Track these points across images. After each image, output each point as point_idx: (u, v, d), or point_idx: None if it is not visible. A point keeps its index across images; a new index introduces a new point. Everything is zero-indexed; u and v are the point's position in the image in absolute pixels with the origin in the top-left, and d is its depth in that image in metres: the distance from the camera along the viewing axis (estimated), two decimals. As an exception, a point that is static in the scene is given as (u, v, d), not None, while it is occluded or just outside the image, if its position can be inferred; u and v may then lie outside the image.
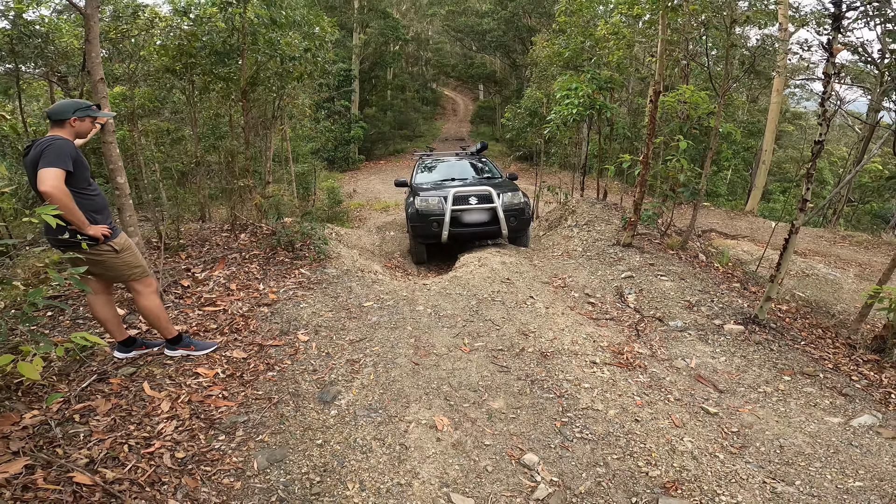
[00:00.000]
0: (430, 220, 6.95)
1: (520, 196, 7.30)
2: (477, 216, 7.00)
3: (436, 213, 6.95)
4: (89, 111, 3.00)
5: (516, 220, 7.08)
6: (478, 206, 6.98)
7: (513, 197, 7.16)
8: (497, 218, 6.92)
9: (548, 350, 3.82)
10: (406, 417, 2.90)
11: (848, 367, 3.97)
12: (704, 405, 3.19)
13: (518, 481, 2.43)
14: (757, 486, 2.44)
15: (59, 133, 2.88)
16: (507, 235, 7.09)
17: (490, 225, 7.03)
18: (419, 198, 7.17)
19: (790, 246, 4.45)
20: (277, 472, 2.41)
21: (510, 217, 6.99)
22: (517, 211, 7.12)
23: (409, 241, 7.87)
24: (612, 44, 7.49)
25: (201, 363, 3.38)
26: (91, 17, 3.57)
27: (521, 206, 7.21)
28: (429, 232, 7.02)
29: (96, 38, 3.69)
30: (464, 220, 6.97)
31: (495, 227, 7.02)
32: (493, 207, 6.93)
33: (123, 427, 2.67)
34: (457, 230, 6.96)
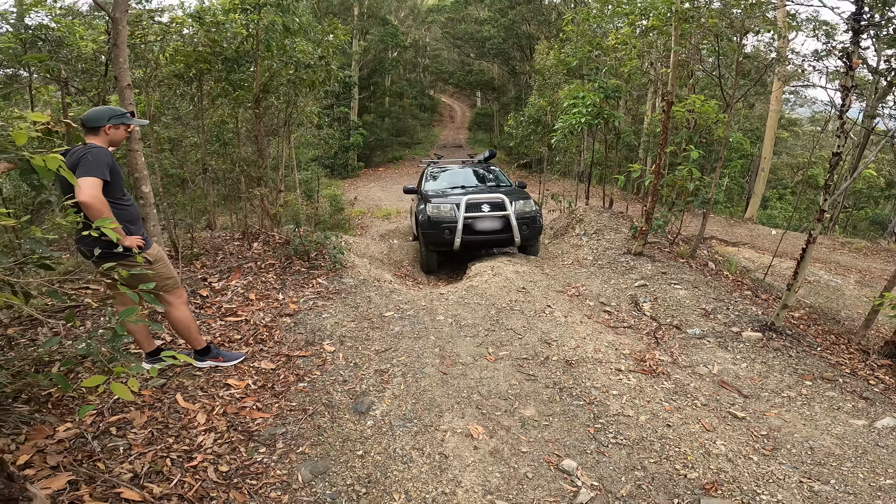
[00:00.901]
0: (443, 228, 6.91)
1: (531, 204, 7.30)
2: (490, 224, 6.97)
3: (448, 220, 6.91)
4: (124, 118, 2.99)
5: (528, 228, 7.08)
6: (491, 213, 6.96)
7: (525, 205, 7.15)
8: (510, 226, 6.91)
9: (572, 358, 3.87)
10: (441, 427, 2.93)
11: (864, 371, 4.04)
12: (731, 410, 3.24)
13: (559, 486, 2.47)
14: (794, 485, 2.49)
15: (94, 141, 2.87)
16: (519, 243, 7.05)
17: (503, 233, 7.00)
18: (431, 205, 7.11)
19: (807, 255, 4.52)
20: (323, 485, 2.43)
21: (522, 225, 6.98)
22: (529, 219, 7.11)
23: (420, 248, 7.82)
24: (623, 54, 7.59)
25: (231, 374, 3.40)
26: (119, 22, 3.59)
27: (533, 214, 7.20)
28: (441, 239, 6.97)
29: (124, 42, 3.71)
30: (476, 228, 6.93)
31: (508, 235, 6.98)
32: (507, 215, 6.92)
33: (162, 440, 2.68)
34: (469, 238, 6.92)
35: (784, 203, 19.97)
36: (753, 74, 7.58)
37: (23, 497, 1.38)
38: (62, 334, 3.92)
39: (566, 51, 9.18)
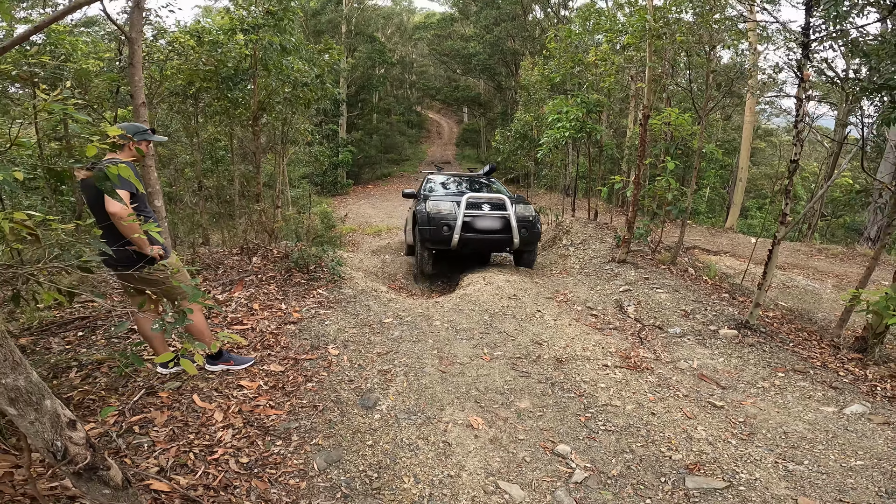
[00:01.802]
0: (441, 224, 6.80)
1: (531, 209, 7.28)
2: (490, 223, 6.90)
3: (447, 216, 6.83)
4: (146, 135, 3.18)
5: (528, 231, 6.99)
6: (491, 212, 6.91)
7: (525, 209, 7.14)
8: (510, 226, 6.83)
9: (562, 356, 4.12)
10: (443, 419, 3.15)
11: (834, 364, 4.34)
12: (710, 399, 3.51)
13: (555, 468, 2.70)
14: (770, 465, 2.75)
15: (119, 155, 3.05)
16: (517, 246, 6.94)
17: (502, 233, 6.91)
18: (431, 201, 7.06)
19: (774, 255, 4.86)
20: (337, 472, 2.64)
21: (522, 228, 6.90)
22: (529, 223, 7.05)
23: (415, 249, 7.63)
24: (603, 69, 7.99)
25: (242, 377, 3.60)
26: (135, 42, 3.82)
27: (533, 219, 7.15)
28: (438, 236, 6.82)
29: (139, 62, 3.93)
30: (476, 226, 6.85)
31: (507, 236, 6.89)
32: (507, 216, 6.86)
33: (183, 436, 2.88)
34: (468, 236, 6.81)
35: (763, 212, 20.53)
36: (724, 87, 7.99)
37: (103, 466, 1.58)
38: (75, 342, 4.10)
39: (550, 67, 9.59)
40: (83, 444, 1.50)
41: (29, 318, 4.46)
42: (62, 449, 1.44)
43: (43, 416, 1.42)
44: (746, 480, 2.59)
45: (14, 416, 1.40)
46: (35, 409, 1.41)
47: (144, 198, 3.18)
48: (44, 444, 1.44)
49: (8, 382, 1.35)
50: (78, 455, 1.47)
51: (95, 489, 1.54)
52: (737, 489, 2.53)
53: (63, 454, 1.44)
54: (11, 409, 1.38)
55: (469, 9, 25.90)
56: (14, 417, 1.41)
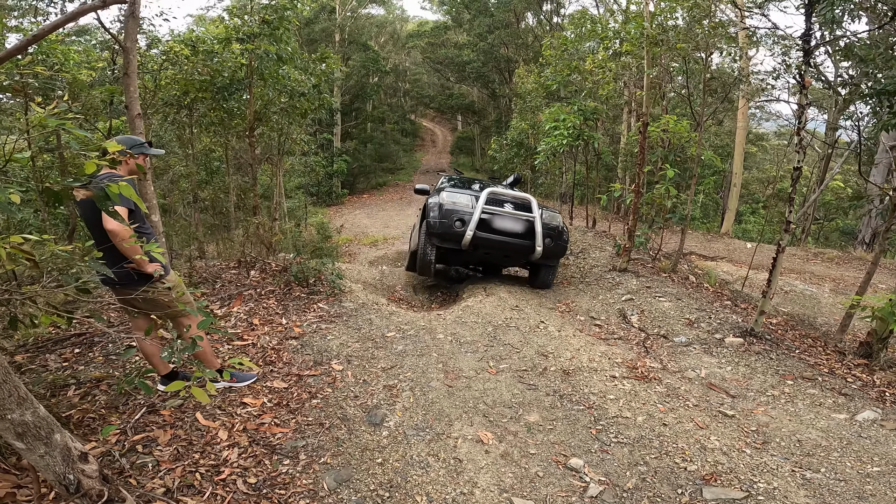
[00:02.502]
0: (453, 218, 5.90)
1: (559, 219, 6.39)
2: (510, 224, 5.97)
3: (462, 210, 5.95)
4: (143, 148, 3.10)
5: (553, 242, 6.09)
6: (513, 213, 6.00)
7: (552, 217, 6.29)
8: (534, 231, 5.91)
9: (569, 368, 4.08)
10: (452, 434, 3.10)
11: (841, 370, 4.32)
12: (721, 409, 3.47)
13: (569, 483, 2.65)
14: (787, 474, 2.71)
15: (118, 170, 2.96)
16: (539, 255, 6.02)
17: (523, 238, 5.97)
18: (445, 193, 6.20)
19: (778, 263, 4.86)
20: (348, 492, 2.58)
21: (547, 237, 6.01)
22: (556, 232, 6.13)
23: (419, 246, 6.63)
24: (600, 77, 8.02)
25: (245, 394, 3.53)
26: (130, 51, 3.78)
27: (560, 229, 6.23)
28: (449, 231, 5.91)
29: (134, 72, 3.88)
30: (494, 226, 5.94)
31: (528, 243, 5.94)
32: (532, 218, 5.96)
33: (188, 456, 2.81)
34: (483, 235, 5.90)
35: (757, 217, 20.66)
36: (720, 92, 8.06)
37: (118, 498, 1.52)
38: (72, 359, 4.02)
39: (546, 75, 9.62)
40: (97, 478, 1.45)
41: (24, 335, 4.37)
42: (75, 482, 1.39)
43: (53, 451, 1.37)
44: (765, 490, 2.56)
45: (22, 450, 1.34)
46: (45, 443, 1.36)
47: (140, 213, 3.10)
48: (55, 478, 1.38)
49: (14, 418, 1.30)
50: (92, 489, 1.42)
51: None
52: (756, 499, 2.50)
53: (76, 487, 1.38)
54: (19, 444, 1.32)
55: (462, 17, 26.05)
56: (23, 451, 1.35)
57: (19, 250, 1.73)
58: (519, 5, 23.50)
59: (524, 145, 11.05)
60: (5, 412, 1.29)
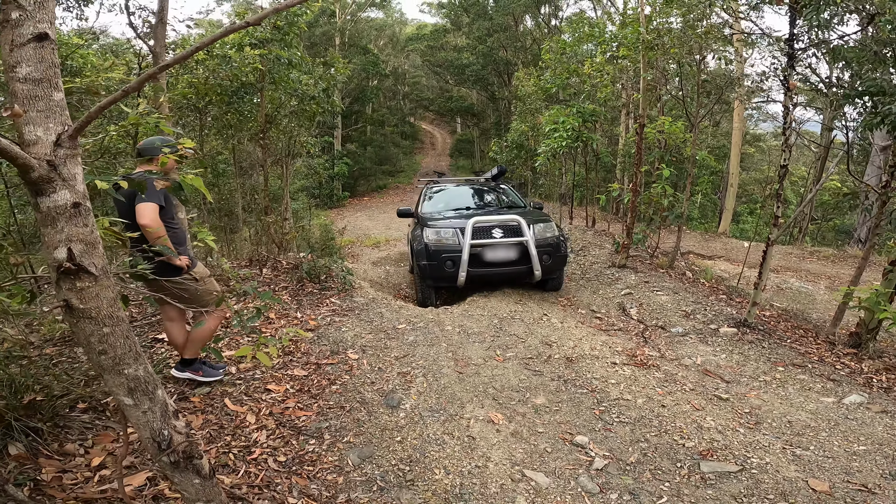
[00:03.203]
0: (444, 259, 5.77)
1: (553, 228, 6.21)
2: (503, 253, 5.82)
3: (450, 249, 5.80)
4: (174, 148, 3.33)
5: (551, 257, 5.94)
6: (504, 240, 5.81)
7: (545, 228, 6.08)
8: (528, 255, 5.76)
9: (572, 356, 4.30)
10: (465, 415, 3.32)
11: (831, 359, 4.55)
12: (716, 393, 3.70)
13: (576, 457, 2.87)
14: (779, 451, 2.94)
15: (149, 168, 3.14)
16: (539, 278, 5.89)
17: (519, 265, 5.85)
18: (429, 229, 6.04)
19: (768, 256, 5.09)
20: (371, 467, 2.80)
21: (543, 254, 5.83)
22: (552, 246, 5.97)
23: (416, 281, 6.72)
24: (598, 80, 8.26)
25: (268, 381, 3.75)
26: (159, 56, 4.01)
27: (557, 241, 6.07)
28: (441, 273, 5.83)
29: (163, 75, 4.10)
30: (486, 259, 5.81)
31: (525, 268, 5.82)
32: (524, 242, 5.77)
33: (221, 438, 3.02)
34: (477, 271, 5.78)
35: (755, 217, 20.93)
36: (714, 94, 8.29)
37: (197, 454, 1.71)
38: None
39: (546, 78, 9.86)
40: (185, 433, 1.66)
41: (49, 330, 4.58)
42: (168, 438, 1.59)
43: (155, 406, 1.57)
44: (758, 464, 2.78)
45: (129, 406, 1.55)
46: (150, 398, 1.56)
47: (172, 209, 3.27)
48: (151, 434, 1.58)
49: (130, 372, 1.50)
50: (180, 445, 1.63)
51: (188, 479, 1.69)
52: (750, 472, 2.72)
53: (168, 443, 1.59)
54: (128, 399, 1.53)
55: (461, 20, 26.32)
56: (129, 408, 1.56)
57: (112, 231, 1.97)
58: (517, 9, 23.78)
59: (524, 147, 11.30)
60: (123, 367, 1.49)
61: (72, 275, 1.40)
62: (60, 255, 1.40)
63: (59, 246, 1.39)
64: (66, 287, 1.41)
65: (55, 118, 1.38)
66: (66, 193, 1.40)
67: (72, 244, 1.40)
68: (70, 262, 1.39)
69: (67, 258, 1.39)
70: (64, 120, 1.40)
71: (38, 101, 1.36)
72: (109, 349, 1.46)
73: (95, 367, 1.52)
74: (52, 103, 1.38)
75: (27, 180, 1.36)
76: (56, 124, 1.38)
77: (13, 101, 1.32)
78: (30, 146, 1.36)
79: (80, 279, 1.41)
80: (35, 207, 1.42)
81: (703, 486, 2.63)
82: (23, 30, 1.32)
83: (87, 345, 1.46)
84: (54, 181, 1.38)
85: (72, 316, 1.44)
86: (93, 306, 1.44)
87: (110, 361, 1.48)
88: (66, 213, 1.40)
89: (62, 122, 1.40)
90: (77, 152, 1.43)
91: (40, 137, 1.36)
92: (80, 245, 1.41)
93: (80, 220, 1.42)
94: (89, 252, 1.43)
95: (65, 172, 1.39)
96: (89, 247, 1.43)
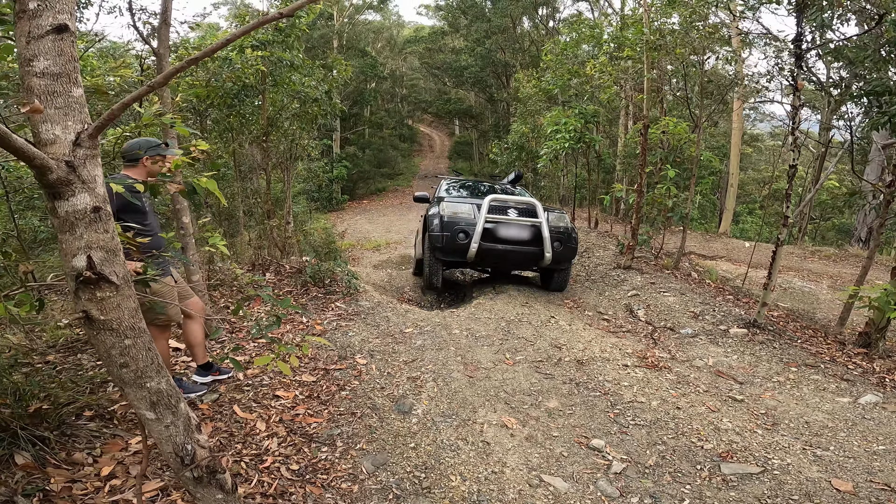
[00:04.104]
0: (456, 231, 5.80)
1: (566, 219, 6.30)
2: (516, 232, 5.86)
3: (465, 221, 5.84)
4: (159, 150, 3.00)
5: (562, 244, 5.98)
6: (518, 219, 5.86)
7: (558, 218, 6.19)
8: (541, 237, 5.79)
9: (582, 358, 4.26)
10: (477, 420, 3.27)
11: (842, 359, 4.51)
12: (730, 394, 3.66)
13: (593, 461, 2.83)
14: (799, 451, 2.90)
15: (131, 173, 2.98)
16: (549, 262, 5.93)
17: (531, 245, 5.87)
18: (446, 203, 6.10)
19: (777, 256, 5.06)
20: (385, 474, 2.75)
21: (555, 241, 5.88)
22: (564, 235, 6.02)
23: (424, 259, 6.66)
24: (601, 81, 8.24)
25: (277, 387, 3.70)
26: (163, 57, 3.94)
27: (568, 231, 6.13)
28: (453, 245, 5.81)
29: None
30: (499, 235, 5.83)
31: (537, 249, 5.84)
32: (538, 224, 5.81)
33: (231, 446, 2.96)
34: (489, 246, 5.78)
35: (754, 217, 20.96)
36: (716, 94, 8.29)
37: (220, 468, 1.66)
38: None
39: (547, 79, 9.84)
40: (208, 448, 1.61)
41: (52, 336, 4.52)
42: (191, 453, 1.54)
43: (178, 420, 1.52)
44: (779, 466, 2.75)
45: (151, 420, 1.49)
46: (173, 412, 1.51)
47: (149, 214, 3.07)
48: (174, 449, 1.53)
49: (152, 386, 1.45)
50: (203, 459, 1.57)
51: (210, 494, 1.63)
52: (772, 473, 2.68)
53: (191, 458, 1.53)
54: (150, 413, 1.47)
55: (459, 22, 26.32)
56: (151, 422, 1.50)
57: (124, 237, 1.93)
58: (515, 10, 23.79)
59: (525, 149, 11.27)
60: (145, 380, 1.44)
61: (92, 284, 1.34)
62: (79, 263, 1.33)
63: (79, 253, 1.33)
64: (85, 297, 1.35)
65: (74, 116, 1.31)
66: (85, 197, 1.33)
67: (92, 251, 1.34)
68: (90, 271, 1.33)
69: (87, 266, 1.33)
70: (83, 118, 1.33)
71: (57, 97, 1.28)
72: (131, 362, 1.41)
73: (116, 380, 1.46)
74: (71, 100, 1.31)
75: (44, 183, 1.29)
76: (75, 122, 1.31)
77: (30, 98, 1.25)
78: (47, 146, 1.29)
79: (100, 289, 1.35)
80: (51, 212, 1.35)
81: (725, 488, 2.59)
82: (41, 21, 1.25)
83: (108, 357, 1.41)
84: (73, 184, 1.31)
85: (91, 328, 1.38)
86: (114, 317, 1.38)
87: (132, 375, 1.43)
88: (86, 219, 1.34)
89: (81, 119, 1.33)
90: (97, 152, 1.36)
91: (58, 136, 1.29)
92: (100, 252, 1.35)
93: (101, 225, 1.36)
94: (110, 260, 1.37)
95: (84, 174, 1.33)
96: (110, 254, 1.37)
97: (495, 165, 13.30)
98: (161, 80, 1.37)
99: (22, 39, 1.25)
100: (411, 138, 36.61)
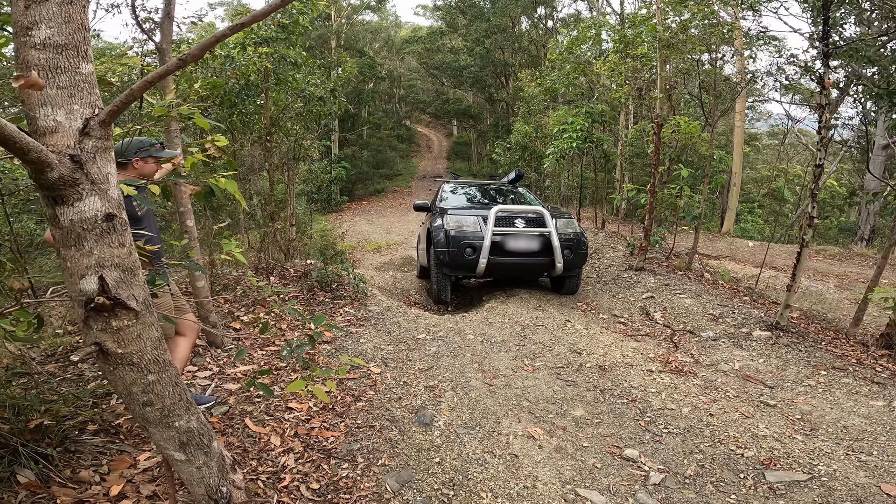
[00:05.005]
0: (463, 246, 5.64)
1: (575, 224, 6.18)
2: (525, 243, 5.73)
3: (471, 236, 5.69)
4: (151, 151, 2.81)
5: (572, 252, 5.85)
6: (526, 230, 5.74)
7: (567, 224, 6.06)
8: (551, 247, 5.66)
9: (604, 364, 4.12)
10: (502, 431, 3.12)
11: (868, 361, 4.39)
12: (762, 399, 3.53)
13: (629, 472, 2.69)
14: (843, 457, 2.77)
15: (122, 175, 2.74)
16: (560, 271, 5.82)
17: (541, 256, 5.77)
18: (450, 216, 5.92)
19: (802, 259, 4.94)
20: (412, 492, 2.59)
21: (565, 249, 5.76)
22: (574, 242, 5.90)
23: (431, 274, 6.57)
24: (611, 80, 8.11)
25: (289, 398, 3.54)
26: (166, 52, 3.78)
27: (578, 237, 6.02)
28: (460, 261, 5.67)
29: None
30: (508, 248, 5.69)
31: (548, 260, 5.73)
32: (547, 233, 5.69)
33: (246, 463, 2.80)
34: (498, 260, 5.66)
35: (755, 216, 20.87)
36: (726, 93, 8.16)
37: None
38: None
39: (552, 78, 9.70)
40: (244, 489, 1.45)
41: (51, 345, 4.35)
42: (227, 496, 1.37)
43: (211, 460, 1.35)
44: (826, 472, 2.62)
45: (181, 461, 1.32)
46: (205, 452, 1.34)
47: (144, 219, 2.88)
48: (206, 491, 1.36)
49: (181, 425, 1.27)
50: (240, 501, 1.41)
51: None
52: (820, 480, 2.56)
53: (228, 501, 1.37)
54: (180, 455, 1.30)
55: (458, 22, 26.17)
56: (180, 463, 1.33)
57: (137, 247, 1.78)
58: (514, 10, 23.67)
59: (528, 149, 11.13)
60: (173, 419, 1.24)
61: (106, 311, 1.09)
62: (89, 286, 1.07)
63: (88, 274, 1.07)
64: (97, 327, 1.10)
65: (82, 97, 1.04)
66: (95, 201, 1.07)
67: (104, 271, 1.08)
68: (103, 296, 1.08)
69: (99, 290, 1.08)
70: (94, 100, 1.06)
71: (61, 73, 1.01)
72: (156, 399, 1.20)
73: (139, 419, 1.26)
74: (79, 77, 1.04)
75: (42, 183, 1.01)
76: (83, 106, 1.04)
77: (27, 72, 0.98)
78: (46, 135, 1.02)
79: (116, 317, 1.11)
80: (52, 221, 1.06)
81: (773, 496, 2.46)
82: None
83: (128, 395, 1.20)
84: (79, 184, 1.04)
85: (107, 362, 1.14)
86: (134, 350, 1.15)
87: (157, 414, 1.23)
88: (97, 229, 1.07)
89: (91, 102, 1.05)
90: (109, 144, 1.10)
91: (61, 123, 1.02)
92: (115, 272, 1.09)
93: (115, 237, 1.10)
94: (127, 281, 1.12)
95: (94, 172, 1.07)
96: (127, 274, 1.12)
97: (496, 166, 13.16)
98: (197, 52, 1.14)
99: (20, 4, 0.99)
100: (409, 139, 36.45)
